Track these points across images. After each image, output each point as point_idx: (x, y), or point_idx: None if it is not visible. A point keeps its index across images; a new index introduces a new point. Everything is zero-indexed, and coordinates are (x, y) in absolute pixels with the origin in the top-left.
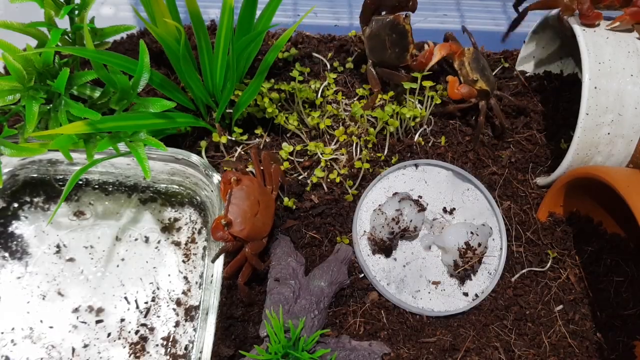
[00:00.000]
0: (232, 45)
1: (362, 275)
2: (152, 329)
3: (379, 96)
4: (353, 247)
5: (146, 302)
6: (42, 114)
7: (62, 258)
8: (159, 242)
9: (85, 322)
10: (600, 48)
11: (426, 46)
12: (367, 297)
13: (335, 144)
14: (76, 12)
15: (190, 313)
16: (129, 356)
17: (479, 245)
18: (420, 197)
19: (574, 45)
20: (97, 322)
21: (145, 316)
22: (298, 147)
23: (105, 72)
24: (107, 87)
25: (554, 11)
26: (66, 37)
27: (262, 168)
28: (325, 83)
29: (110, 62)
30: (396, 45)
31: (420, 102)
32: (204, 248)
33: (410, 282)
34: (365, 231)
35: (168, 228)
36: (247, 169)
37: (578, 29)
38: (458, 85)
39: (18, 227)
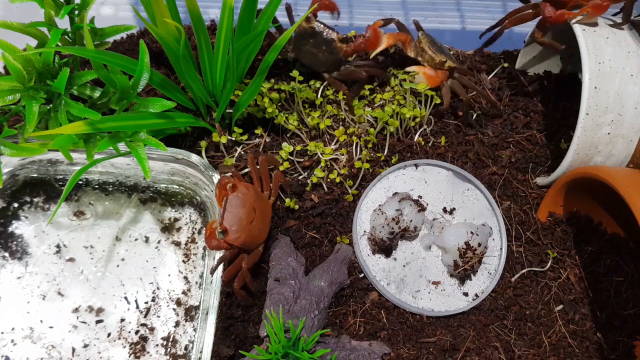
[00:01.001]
0: (232, 45)
1: (362, 275)
2: (152, 329)
3: (379, 96)
4: (353, 247)
5: (146, 302)
6: (42, 114)
7: (62, 258)
8: (159, 242)
9: (85, 322)
10: (600, 48)
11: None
12: (367, 297)
13: (335, 144)
14: (76, 12)
15: (190, 313)
16: (129, 356)
17: (479, 245)
18: (420, 197)
19: (574, 45)
20: (97, 322)
21: (145, 316)
22: (298, 147)
23: (105, 72)
24: (107, 87)
25: None
26: (66, 37)
27: (259, 172)
28: (325, 83)
29: (110, 62)
30: (320, 45)
31: (420, 102)
32: (204, 248)
33: (410, 282)
34: (365, 231)
35: (168, 228)
36: (245, 170)
37: (578, 29)
38: (434, 74)
39: (18, 227)
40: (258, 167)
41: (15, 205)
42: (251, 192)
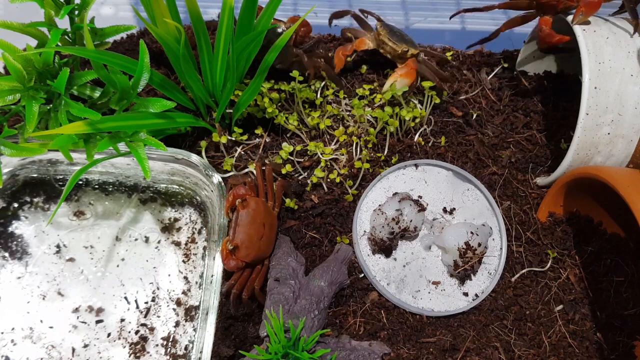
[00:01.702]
0: (232, 45)
1: (362, 275)
2: (152, 329)
3: (379, 96)
4: (353, 247)
5: (146, 302)
6: (42, 114)
7: (62, 258)
8: (159, 242)
9: (85, 322)
10: (600, 48)
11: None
12: (367, 297)
13: (335, 144)
14: (76, 12)
15: (190, 313)
16: (129, 356)
17: (479, 245)
18: (420, 197)
19: (574, 45)
20: (97, 322)
21: (145, 316)
22: (298, 147)
23: (105, 72)
24: (107, 87)
25: None
26: (66, 37)
27: (264, 182)
28: (324, 83)
29: (110, 62)
30: (270, 38)
31: (420, 102)
32: (204, 248)
33: (410, 282)
34: (365, 231)
35: (168, 228)
36: (245, 170)
37: (578, 29)
38: (407, 70)
39: (18, 227)
40: (264, 167)
41: (15, 205)
42: (261, 207)
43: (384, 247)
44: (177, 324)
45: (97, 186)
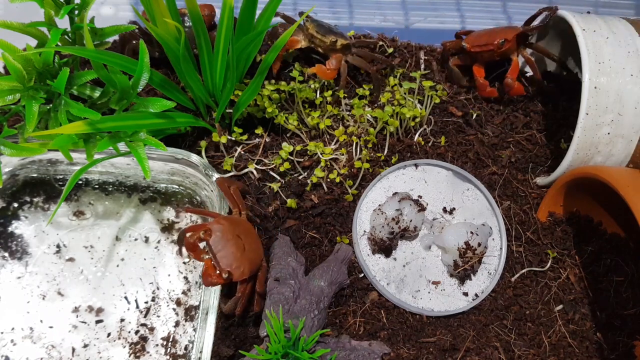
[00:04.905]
0: (232, 45)
1: (362, 275)
2: (152, 329)
3: (380, 97)
4: (353, 247)
5: (146, 302)
6: (42, 113)
7: (62, 258)
8: (158, 242)
9: (85, 322)
10: (600, 48)
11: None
12: (367, 297)
13: (335, 144)
14: (76, 12)
15: (190, 313)
16: (129, 356)
17: (479, 245)
18: (420, 197)
19: (574, 45)
20: (97, 322)
21: (145, 316)
22: (298, 147)
23: (105, 72)
24: (107, 87)
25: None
26: (66, 37)
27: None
28: (325, 83)
29: (110, 62)
30: None
31: (420, 102)
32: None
33: (410, 282)
34: (365, 231)
35: (168, 228)
36: (245, 170)
37: (578, 29)
38: (326, 67)
39: (18, 227)
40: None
41: (15, 205)
42: (224, 223)
43: (384, 247)
44: (177, 324)
45: (97, 186)
